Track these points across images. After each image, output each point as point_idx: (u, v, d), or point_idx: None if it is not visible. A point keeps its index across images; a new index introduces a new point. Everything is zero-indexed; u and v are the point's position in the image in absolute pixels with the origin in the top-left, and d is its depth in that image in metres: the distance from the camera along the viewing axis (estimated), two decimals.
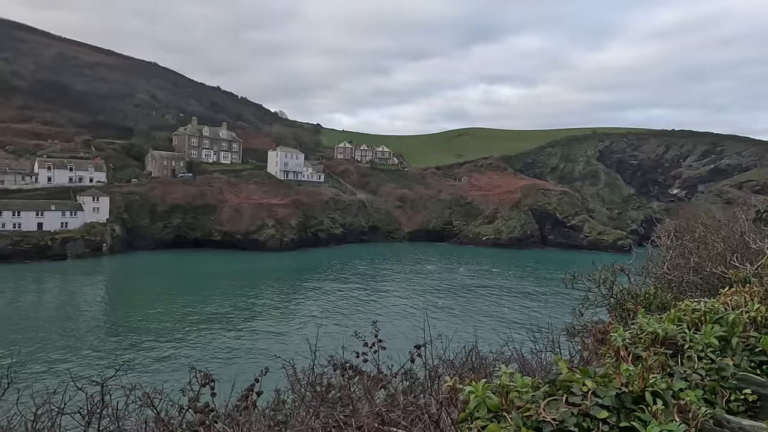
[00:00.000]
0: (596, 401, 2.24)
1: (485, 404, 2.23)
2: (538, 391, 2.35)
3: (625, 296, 7.62)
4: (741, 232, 7.49)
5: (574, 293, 42.89)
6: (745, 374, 2.95)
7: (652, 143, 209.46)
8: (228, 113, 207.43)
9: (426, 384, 4.26)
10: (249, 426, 3.20)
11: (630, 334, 3.55)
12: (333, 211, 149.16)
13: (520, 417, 2.10)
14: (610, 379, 2.41)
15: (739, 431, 2.39)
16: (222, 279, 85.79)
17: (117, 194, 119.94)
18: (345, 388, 4.10)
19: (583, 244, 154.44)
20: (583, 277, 9.57)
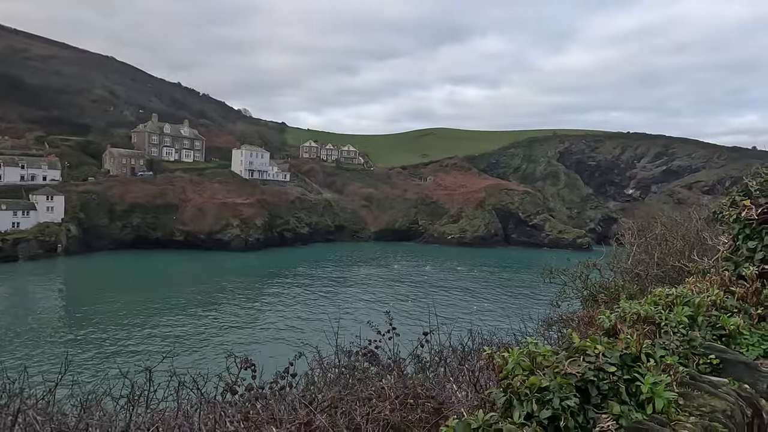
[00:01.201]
0: (606, 360, 2.81)
1: (520, 365, 2.76)
2: (558, 355, 2.90)
3: (597, 289, 8.32)
4: (697, 230, 8.33)
5: (541, 289, 43.99)
6: (709, 344, 3.62)
7: (608, 145, 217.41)
8: (190, 110, 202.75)
9: (434, 364, 4.74)
10: (289, 403, 3.59)
11: (615, 316, 4.12)
12: (299, 210, 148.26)
13: (552, 372, 2.64)
14: (614, 344, 3.02)
15: (708, 384, 3.02)
16: (184, 280, 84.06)
17: (73, 193, 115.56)
18: (368, 370, 4.55)
19: (545, 242, 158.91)
20: (559, 272, 10.29)
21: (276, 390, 4.19)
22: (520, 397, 2.63)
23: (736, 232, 5.31)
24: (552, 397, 2.52)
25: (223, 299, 72.19)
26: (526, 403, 2.57)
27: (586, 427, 2.52)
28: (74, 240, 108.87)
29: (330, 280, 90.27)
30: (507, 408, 2.65)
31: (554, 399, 2.51)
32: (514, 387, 2.68)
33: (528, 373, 2.70)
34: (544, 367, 2.73)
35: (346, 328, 6.47)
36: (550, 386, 2.56)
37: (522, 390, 2.61)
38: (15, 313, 60.73)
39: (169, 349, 25.80)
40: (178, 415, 3.71)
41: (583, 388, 2.64)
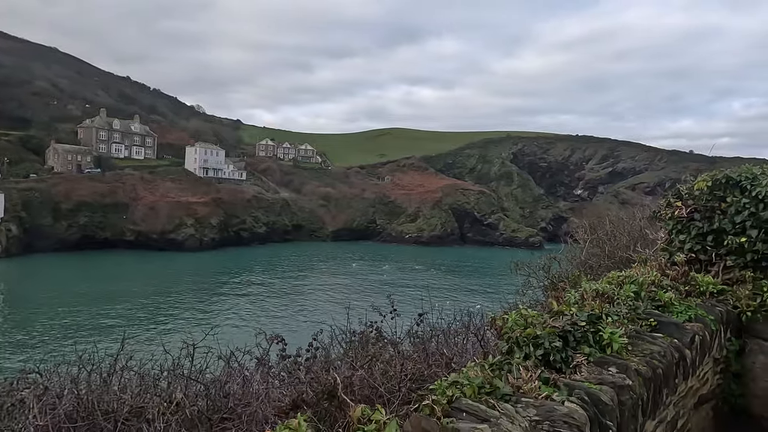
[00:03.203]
0: (578, 318, 3.90)
1: (517, 323, 3.78)
2: (543, 316, 3.96)
3: (557, 278, 9.58)
4: (641, 227, 9.76)
5: (500, 284, 46.94)
6: (650, 311, 4.81)
7: (559, 147, 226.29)
8: (140, 105, 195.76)
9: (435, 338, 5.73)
10: (317, 369, 4.43)
11: (578, 294, 5.25)
12: (256, 209, 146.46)
13: (541, 326, 3.68)
14: (582, 308, 4.13)
15: (649, 337, 4.19)
16: (133, 280, 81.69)
17: (13, 191, 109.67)
18: (380, 340, 5.48)
19: (499, 241, 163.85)
20: (524, 265, 11.59)
21: (309, 358, 5.04)
22: (519, 344, 3.65)
23: (670, 227, 6.64)
24: (543, 341, 3.56)
25: (180, 299, 70.99)
26: (524, 347, 3.59)
27: (567, 361, 3.58)
28: (15, 240, 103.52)
29: (289, 278, 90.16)
30: (509, 352, 3.66)
31: (545, 342, 3.55)
32: (513, 338, 3.70)
33: (524, 327, 3.72)
34: (534, 324, 3.75)
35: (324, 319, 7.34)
36: (541, 335, 3.60)
37: (521, 339, 3.63)
38: None
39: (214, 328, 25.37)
40: (230, 379, 4.49)
41: (563, 336, 3.70)
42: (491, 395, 3.01)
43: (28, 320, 57.35)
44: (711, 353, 5.21)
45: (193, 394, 3.89)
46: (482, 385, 3.07)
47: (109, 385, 3.98)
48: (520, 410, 2.88)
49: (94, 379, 4.11)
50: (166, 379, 4.28)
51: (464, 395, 2.97)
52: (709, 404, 5.32)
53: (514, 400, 3.01)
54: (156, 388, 4.02)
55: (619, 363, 3.68)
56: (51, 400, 3.54)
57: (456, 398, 2.92)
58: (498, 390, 3.06)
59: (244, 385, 4.17)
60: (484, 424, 2.66)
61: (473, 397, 2.97)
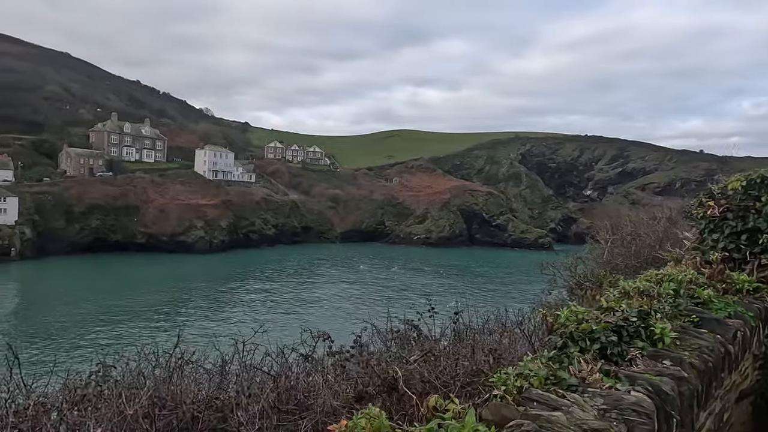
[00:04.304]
0: (629, 313, 4.04)
1: (569, 319, 3.94)
2: (593, 312, 4.11)
3: (582, 278, 9.71)
4: (666, 226, 9.87)
5: (513, 283, 47.53)
6: (691, 307, 4.94)
7: (568, 147, 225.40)
8: (150, 109, 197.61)
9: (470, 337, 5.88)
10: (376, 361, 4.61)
11: (617, 291, 5.38)
12: (265, 211, 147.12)
13: (593, 322, 3.83)
14: (631, 305, 4.29)
15: (694, 332, 4.34)
16: (147, 283, 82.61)
17: (27, 194, 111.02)
18: (420, 336, 5.65)
19: (508, 242, 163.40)
20: (548, 264, 11.73)
21: (355, 354, 5.23)
22: (574, 339, 3.80)
23: (702, 226, 6.78)
24: (599, 336, 3.71)
25: (195, 302, 71.63)
26: (580, 342, 3.75)
27: (622, 354, 3.73)
28: (29, 243, 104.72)
29: (302, 280, 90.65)
30: (564, 347, 3.81)
31: (601, 337, 3.70)
32: (567, 333, 3.85)
33: (577, 323, 3.87)
34: (587, 320, 3.91)
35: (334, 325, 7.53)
36: (596, 330, 3.75)
37: (576, 334, 3.79)
38: None
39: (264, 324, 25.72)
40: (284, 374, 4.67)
41: (617, 331, 3.85)
42: (557, 386, 3.17)
43: (49, 320, 58.12)
44: (751, 349, 5.34)
45: (264, 387, 4.07)
46: (547, 376, 3.23)
47: (180, 378, 4.17)
48: (588, 399, 3.05)
49: (159, 372, 4.31)
50: (233, 372, 4.46)
51: (532, 386, 3.13)
52: (748, 399, 5.45)
53: (580, 391, 3.17)
54: (225, 380, 4.21)
55: (672, 356, 3.83)
56: (133, 391, 3.74)
57: (525, 389, 3.09)
58: (564, 381, 3.22)
59: (308, 378, 4.35)
60: (557, 412, 2.82)
61: (541, 388, 3.13)
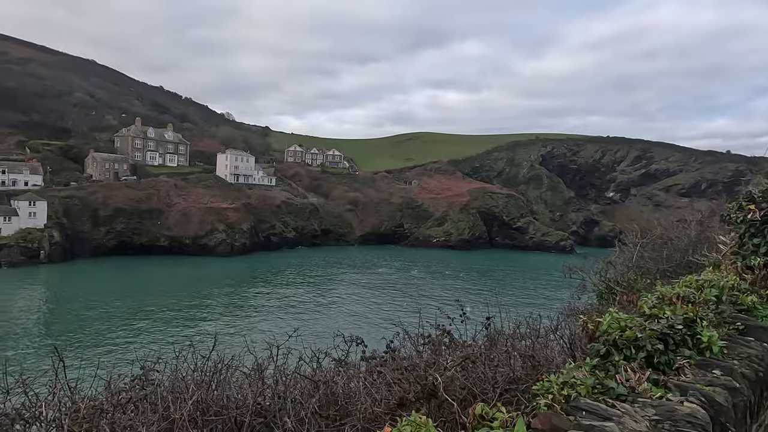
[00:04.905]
0: (674, 321, 3.95)
1: (611, 326, 3.87)
2: (635, 319, 4.03)
3: (612, 283, 9.52)
4: (698, 230, 9.63)
5: (537, 287, 47.10)
6: (735, 314, 4.79)
7: (589, 149, 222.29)
8: (172, 114, 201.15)
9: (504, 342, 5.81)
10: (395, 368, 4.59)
11: (655, 297, 5.27)
12: (285, 214, 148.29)
13: (637, 329, 3.76)
14: (675, 311, 4.19)
15: (741, 340, 4.20)
16: (173, 286, 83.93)
17: (55, 198, 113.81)
18: (453, 341, 5.61)
19: (528, 245, 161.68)
20: (577, 268, 11.55)
21: (388, 359, 5.22)
22: (617, 346, 3.73)
23: (742, 231, 6.57)
24: (645, 344, 3.63)
25: (222, 305, 72.47)
26: (624, 350, 3.68)
27: (669, 363, 3.65)
28: (57, 246, 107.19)
29: (322, 284, 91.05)
30: (607, 355, 3.74)
31: (647, 345, 3.62)
32: (610, 341, 3.78)
33: (621, 330, 3.80)
34: (630, 327, 3.83)
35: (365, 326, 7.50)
36: (641, 337, 3.68)
37: (620, 341, 3.72)
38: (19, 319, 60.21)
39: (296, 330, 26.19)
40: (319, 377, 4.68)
41: (663, 339, 3.76)
42: (606, 395, 3.11)
43: (81, 322, 59.52)
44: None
45: (303, 392, 4.09)
46: (594, 385, 3.18)
47: (220, 382, 4.21)
48: (639, 410, 2.98)
49: (199, 376, 4.37)
50: (273, 377, 4.49)
51: (579, 395, 3.08)
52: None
53: (630, 400, 3.11)
54: (264, 385, 4.23)
55: (722, 366, 3.73)
56: (177, 395, 3.79)
57: (573, 398, 3.04)
58: (612, 390, 3.16)
59: (347, 384, 4.36)
60: (609, 422, 2.76)
61: (589, 397, 3.07)
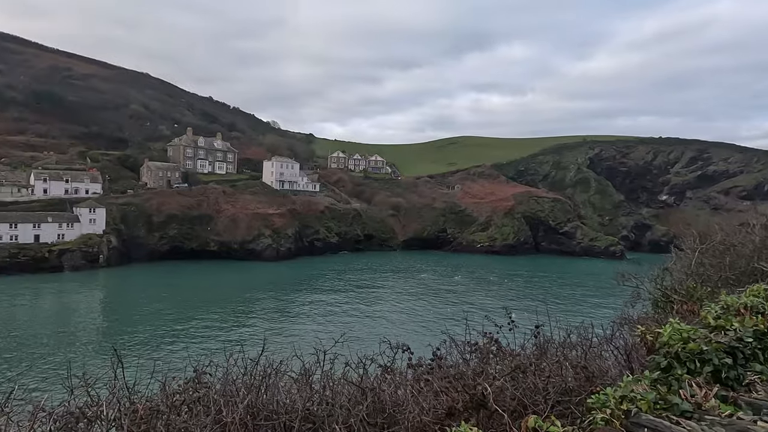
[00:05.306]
0: (743, 333, 3.70)
1: (673, 338, 3.66)
2: (699, 331, 3.80)
3: (670, 291, 9.06)
4: (765, 236, 9.01)
5: (586, 294, 45.67)
6: None
7: (640, 150, 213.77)
8: (221, 123, 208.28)
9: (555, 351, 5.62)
10: (444, 375, 4.51)
11: (719, 307, 4.96)
12: (328, 220, 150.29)
13: (702, 341, 3.55)
14: (743, 323, 3.92)
15: None
16: (223, 289, 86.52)
17: (113, 205, 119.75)
18: (501, 350, 5.48)
19: (576, 250, 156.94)
20: (630, 275, 11.08)
21: (434, 367, 5.15)
22: (679, 359, 3.52)
23: None
24: (711, 357, 3.42)
25: (269, 309, 74.12)
26: (688, 363, 3.47)
27: (738, 379, 3.41)
28: (114, 251, 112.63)
29: (366, 289, 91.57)
30: (668, 368, 3.54)
31: (713, 358, 3.40)
32: (671, 353, 3.57)
33: (683, 342, 3.58)
34: (694, 339, 3.61)
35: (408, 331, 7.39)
36: (707, 350, 3.46)
37: (682, 354, 3.51)
38: (68, 323, 63.79)
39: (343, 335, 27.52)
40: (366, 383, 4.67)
41: (731, 352, 3.52)
42: (669, 411, 2.94)
43: (136, 324, 62.34)
44: None
45: (351, 399, 4.09)
46: (656, 400, 3.01)
47: (269, 387, 4.27)
48: (706, 428, 2.79)
49: (248, 380, 4.45)
50: (320, 382, 4.52)
51: (640, 410, 2.92)
52: None
53: (696, 418, 2.92)
54: (312, 390, 4.26)
55: None
56: (228, 398, 3.88)
57: (634, 413, 2.88)
58: (676, 406, 2.98)
59: (394, 391, 4.33)
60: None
61: (651, 413, 2.91)
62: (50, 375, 38.04)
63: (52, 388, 5.10)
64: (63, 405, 4.28)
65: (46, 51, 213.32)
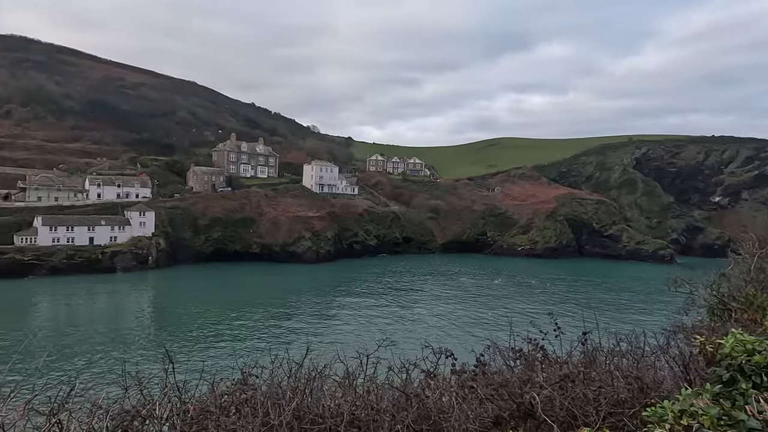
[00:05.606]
0: None
1: (736, 349, 3.46)
2: (766, 342, 3.58)
3: (727, 298, 8.59)
4: None
5: (633, 300, 44.12)
6: None
7: (691, 149, 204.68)
8: (263, 128, 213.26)
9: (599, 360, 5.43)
10: (502, 381, 4.42)
11: None
12: (367, 222, 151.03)
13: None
14: None
15: None
16: (266, 291, 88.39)
17: (161, 209, 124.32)
18: (547, 358, 5.34)
19: (622, 254, 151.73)
20: (683, 281, 10.60)
21: (478, 373, 5.07)
22: (743, 372, 3.33)
23: None
24: None
25: (310, 311, 75.17)
26: (753, 376, 3.27)
27: None
28: (163, 252, 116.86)
29: (405, 292, 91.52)
30: (731, 381, 3.35)
31: None
32: (734, 365, 3.38)
33: (747, 354, 3.38)
34: (759, 351, 3.40)
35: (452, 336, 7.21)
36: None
37: (747, 367, 3.31)
38: (123, 321, 66.76)
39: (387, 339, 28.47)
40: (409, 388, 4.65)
41: None
42: (733, 428, 2.77)
43: (183, 325, 64.59)
44: None
45: (397, 405, 4.09)
46: (719, 416, 2.84)
47: (313, 390, 4.31)
48: None
49: (294, 383, 4.51)
50: (363, 386, 4.52)
51: (703, 426, 2.77)
52: None
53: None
54: (356, 395, 4.28)
55: None
56: (274, 400, 3.94)
57: (696, 429, 2.74)
58: (741, 423, 2.80)
59: (439, 398, 4.29)
60: None
61: (713, 429, 2.76)
62: (106, 373, 39.87)
63: (108, 386, 5.32)
64: (118, 403, 4.45)
65: (100, 62, 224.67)
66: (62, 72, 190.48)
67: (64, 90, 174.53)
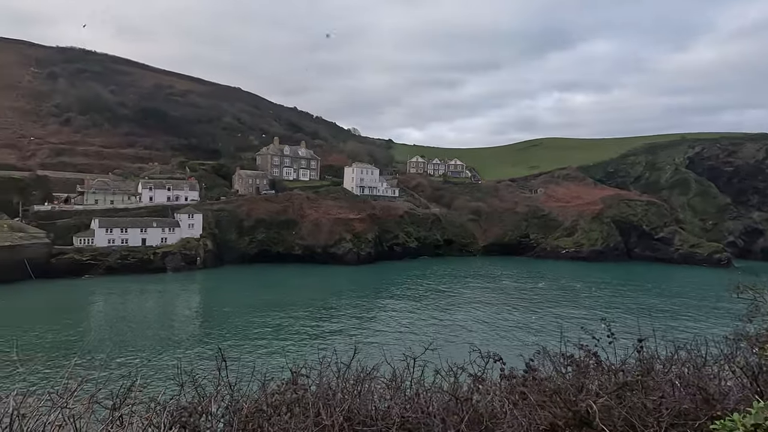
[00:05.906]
0: None
1: None
2: None
3: None
4: None
5: (689, 305, 42.12)
6: None
7: (750, 148, 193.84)
8: (305, 132, 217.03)
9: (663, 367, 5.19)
10: (554, 388, 4.31)
11: None
12: (408, 225, 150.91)
13: None
14: None
15: None
16: (310, 292, 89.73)
17: (208, 211, 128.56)
18: (602, 364, 5.17)
19: (674, 257, 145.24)
20: (746, 287, 10.06)
21: (529, 379, 4.96)
22: None
23: None
24: None
25: (354, 313, 75.80)
26: None
27: None
28: (210, 254, 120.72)
29: (448, 294, 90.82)
30: None
31: None
32: None
33: None
34: None
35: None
36: None
37: None
38: (176, 318, 69.43)
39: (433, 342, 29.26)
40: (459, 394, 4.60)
41: None
42: None
43: (231, 323, 66.46)
44: None
45: (447, 409, 4.05)
46: None
47: (363, 391, 4.33)
48: None
49: (343, 384, 4.54)
50: (411, 388, 4.51)
51: None
52: None
53: None
54: (405, 397, 4.27)
55: None
56: (324, 401, 3.99)
57: None
58: None
59: (490, 403, 4.23)
60: None
61: None
62: (162, 369, 41.51)
63: (164, 382, 5.52)
64: (174, 399, 4.62)
65: (150, 71, 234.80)
66: (117, 81, 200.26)
67: (119, 98, 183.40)
